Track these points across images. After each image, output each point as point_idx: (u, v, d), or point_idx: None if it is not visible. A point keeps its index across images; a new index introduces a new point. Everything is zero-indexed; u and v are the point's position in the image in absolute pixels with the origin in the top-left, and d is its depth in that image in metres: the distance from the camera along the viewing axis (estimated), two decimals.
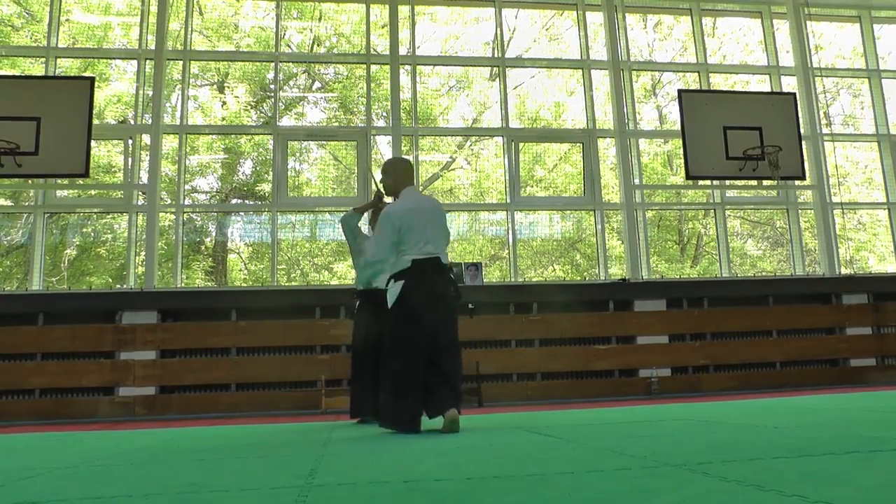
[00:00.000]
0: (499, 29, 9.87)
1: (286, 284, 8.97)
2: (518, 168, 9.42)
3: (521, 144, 9.53)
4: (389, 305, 4.50)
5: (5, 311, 7.88)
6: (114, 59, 9.57)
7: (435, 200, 5.02)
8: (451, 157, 10.54)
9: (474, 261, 8.93)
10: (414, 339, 4.39)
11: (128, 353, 7.91)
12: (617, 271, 9.40)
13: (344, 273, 9.56)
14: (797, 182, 9.62)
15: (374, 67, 9.59)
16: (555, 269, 10.23)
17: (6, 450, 4.22)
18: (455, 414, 4.26)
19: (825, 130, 10.04)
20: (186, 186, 9.32)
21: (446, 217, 4.88)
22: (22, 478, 2.72)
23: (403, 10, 9.59)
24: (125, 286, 8.51)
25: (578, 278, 10.03)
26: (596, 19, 10.05)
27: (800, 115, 9.58)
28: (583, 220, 9.74)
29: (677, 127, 9.37)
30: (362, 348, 5.56)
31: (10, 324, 7.84)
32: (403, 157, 7.20)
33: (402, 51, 9.48)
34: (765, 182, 9.47)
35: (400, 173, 4.90)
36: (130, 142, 8.81)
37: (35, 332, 7.88)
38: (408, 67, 9.51)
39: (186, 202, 9.19)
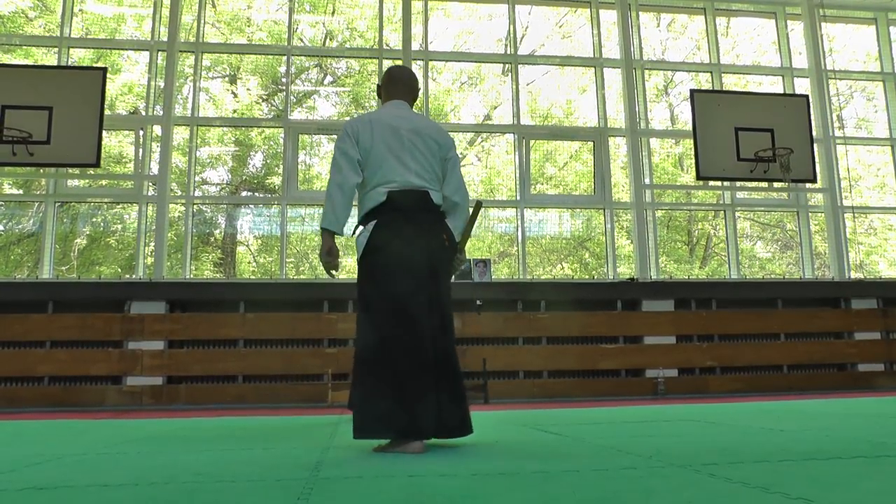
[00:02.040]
0: (512, 25, 9.85)
1: (295, 277, 8.98)
2: (528, 165, 9.40)
3: (531, 142, 9.52)
4: (357, 258, 3.31)
5: (16, 298, 7.93)
6: (126, 49, 9.59)
7: (436, 123, 3.59)
8: (461, 154, 10.54)
9: (483, 257, 8.94)
10: (399, 303, 3.14)
11: (136, 342, 7.94)
12: (625, 271, 9.38)
13: (353, 267, 9.56)
14: (808, 185, 9.57)
15: (386, 62, 9.60)
16: (563, 268, 10.22)
17: (16, 436, 4.26)
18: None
19: (838, 133, 9.98)
20: (196, 178, 9.35)
21: (452, 151, 3.51)
22: (31, 464, 2.74)
23: (416, 6, 9.58)
24: (134, 276, 8.54)
25: (587, 277, 10.02)
26: (609, 17, 10.02)
27: (812, 117, 9.53)
28: (592, 218, 9.72)
29: (689, 127, 9.34)
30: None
31: (20, 311, 7.88)
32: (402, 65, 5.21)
33: (415, 46, 9.47)
34: (775, 184, 9.42)
35: (386, 81, 3.61)
36: (141, 132, 8.84)
37: (45, 321, 7.92)
38: (420, 63, 9.51)
39: (196, 194, 9.22)
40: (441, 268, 3.30)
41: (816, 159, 9.41)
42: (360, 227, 3.35)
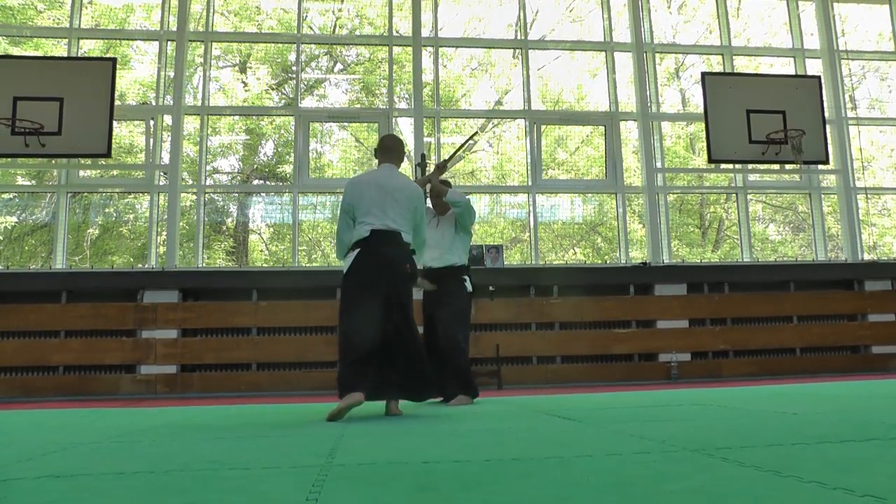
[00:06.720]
0: (522, 10, 9.80)
1: (307, 265, 9.00)
2: (540, 151, 9.38)
3: (543, 127, 9.49)
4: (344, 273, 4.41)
5: (30, 288, 7.99)
6: (135, 40, 9.60)
7: (411, 183, 4.71)
8: (472, 140, 10.49)
9: (495, 243, 8.93)
10: (365, 307, 4.20)
11: (149, 331, 7.99)
12: (638, 255, 9.36)
13: None
14: (820, 166, 9.51)
15: (396, 49, 9.57)
16: (576, 253, 10.20)
17: (32, 425, 4.29)
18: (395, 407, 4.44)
19: (850, 114, 9.91)
20: (208, 167, 9.37)
21: (420, 209, 4.60)
22: (47, 452, 2.76)
23: None
24: (147, 265, 8.58)
25: (599, 262, 9.99)
26: (620, 0, 9.95)
27: (824, 98, 9.45)
28: (604, 203, 9.69)
29: (700, 110, 9.30)
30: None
31: (34, 301, 7.95)
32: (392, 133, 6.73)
33: (425, 32, 9.44)
34: (787, 166, 9.37)
35: (379, 148, 4.78)
36: (152, 122, 8.86)
37: (59, 310, 7.97)
38: (430, 49, 9.48)
39: (208, 183, 9.24)
40: (401, 288, 4.35)
41: (829, 140, 9.35)
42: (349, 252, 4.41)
